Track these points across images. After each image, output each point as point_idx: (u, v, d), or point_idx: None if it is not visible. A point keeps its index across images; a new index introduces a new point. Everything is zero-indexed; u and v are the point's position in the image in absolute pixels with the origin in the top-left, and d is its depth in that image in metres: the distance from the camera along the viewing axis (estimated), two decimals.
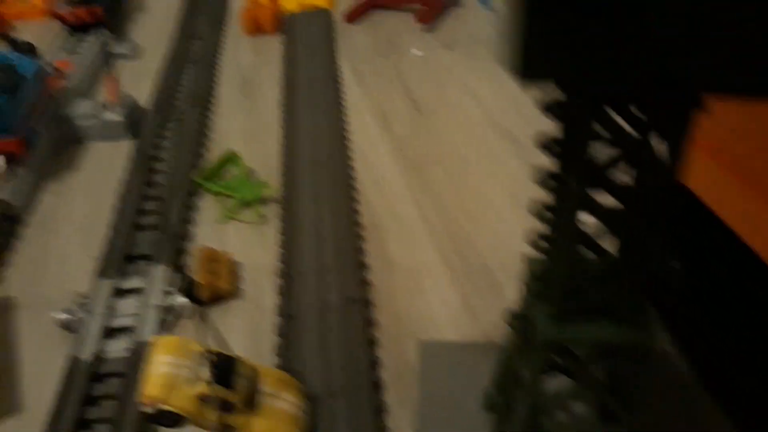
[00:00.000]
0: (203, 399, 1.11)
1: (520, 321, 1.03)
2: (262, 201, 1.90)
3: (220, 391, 1.10)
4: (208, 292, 1.59)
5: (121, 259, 1.71)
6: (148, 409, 1.12)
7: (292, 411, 1.22)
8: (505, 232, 1.74)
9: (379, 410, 1.32)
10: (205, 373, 1.10)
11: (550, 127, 0.71)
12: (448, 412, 1.30)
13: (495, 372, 1.24)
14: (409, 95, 2.35)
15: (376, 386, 1.37)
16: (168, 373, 1.13)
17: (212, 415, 1.11)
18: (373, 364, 1.42)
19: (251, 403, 1.15)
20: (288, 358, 1.43)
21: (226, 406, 1.12)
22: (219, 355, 1.14)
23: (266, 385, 1.21)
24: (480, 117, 2.20)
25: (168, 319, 1.56)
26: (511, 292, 1.57)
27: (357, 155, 2.09)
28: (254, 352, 1.48)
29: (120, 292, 1.64)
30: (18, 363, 1.51)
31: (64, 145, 2.16)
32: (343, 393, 1.34)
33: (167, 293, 1.59)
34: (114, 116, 2.16)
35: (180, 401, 1.10)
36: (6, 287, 1.71)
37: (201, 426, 1.16)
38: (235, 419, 1.13)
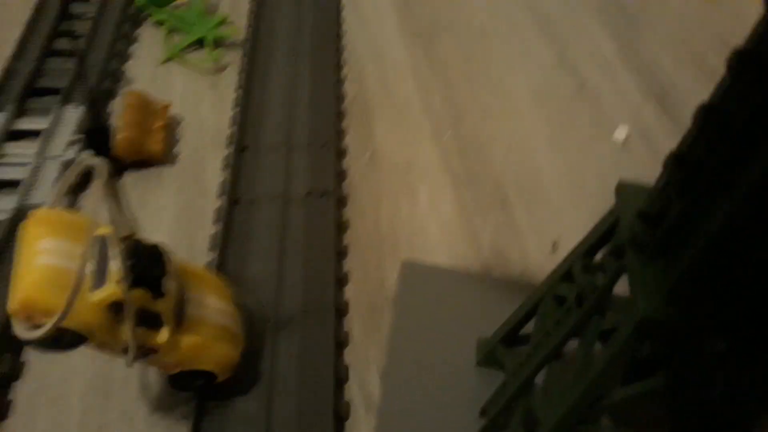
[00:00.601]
0: (112, 308, 0.73)
1: (587, 276, 0.69)
2: (221, 43, 1.47)
3: (140, 297, 0.74)
4: (130, 149, 1.18)
5: (20, 89, 1.27)
6: (22, 325, 0.71)
7: (227, 324, 0.88)
8: (523, 136, 1.37)
9: (339, 339, 0.99)
10: (116, 268, 0.72)
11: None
12: (421, 353, 1.00)
13: (506, 325, 0.91)
14: None
15: (338, 309, 1.03)
16: (54, 266, 0.71)
17: (125, 334, 0.75)
18: (338, 279, 1.07)
19: (179, 314, 0.81)
20: (227, 257, 1.07)
21: (147, 320, 0.77)
22: (137, 242, 0.76)
23: (194, 290, 0.85)
24: None
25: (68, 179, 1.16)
26: (524, 218, 1.22)
27: (350, 8, 1.64)
28: (182, 241, 1.11)
29: (13, 134, 1.22)
30: None
31: None
32: (297, 314, 1.00)
33: (74, 143, 1.18)
34: None
35: (76, 313, 0.69)
36: None
37: (106, 348, 0.77)
38: (158, 338, 0.79)
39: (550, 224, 1.21)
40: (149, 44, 1.48)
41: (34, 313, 0.70)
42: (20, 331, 0.70)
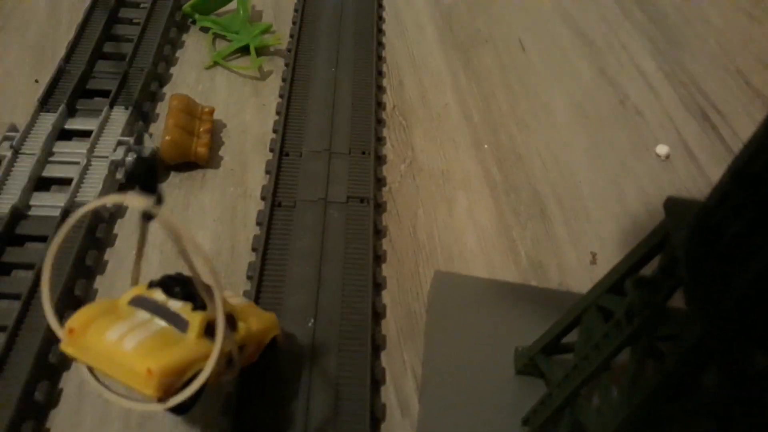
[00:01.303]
0: (207, 332, 0.76)
1: (639, 291, 0.69)
2: (264, 51, 1.50)
3: (210, 314, 0.75)
4: (175, 152, 1.21)
5: (71, 90, 1.31)
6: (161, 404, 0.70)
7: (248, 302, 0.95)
8: (562, 149, 1.37)
9: (376, 343, 1.00)
10: (179, 305, 0.77)
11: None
12: (458, 361, 1.01)
13: (547, 335, 0.91)
14: None
15: (375, 313, 1.04)
16: (141, 339, 0.72)
17: (227, 345, 0.75)
18: (376, 284, 1.08)
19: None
20: (268, 258, 1.09)
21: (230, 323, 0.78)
22: (171, 277, 0.80)
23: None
24: (549, 1, 1.77)
25: (117, 178, 1.19)
26: (562, 229, 1.22)
27: (391, 19, 1.66)
28: (225, 242, 1.13)
29: (63, 133, 1.26)
30: None
31: None
32: (336, 315, 1.02)
33: (122, 144, 1.21)
34: None
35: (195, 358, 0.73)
36: None
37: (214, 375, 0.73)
38: (241, 332, 0.83)
39: (589, 236, 1.21)
40: (194, 50, 1.51)
41: (171, 378, 0.70)
42: (162, 404, 0.70)
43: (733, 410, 0.73)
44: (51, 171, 1.19)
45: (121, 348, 0.69)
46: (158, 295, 0.77)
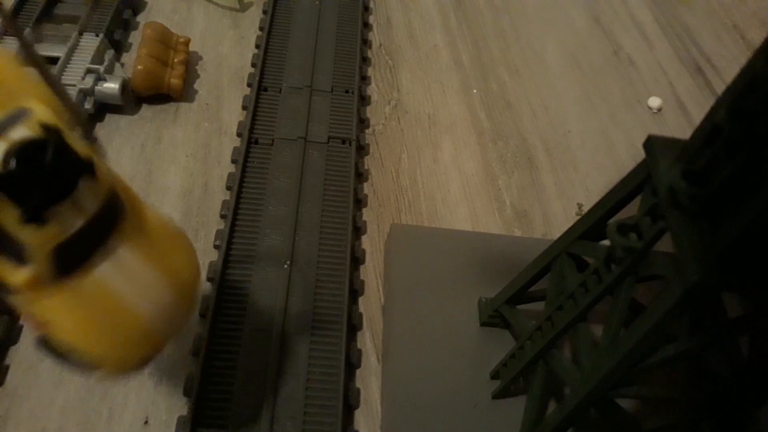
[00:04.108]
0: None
1: (621, 237, 0.64)
2: None
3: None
4: (147, 82, 1.14)
5: (38, 14, 1.23)
6: None
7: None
8: (553, 97, 1.33)
9: (353, 287, 0.97)
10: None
11: None
12: (423, 314, 0.95)
13: (513, 285, 0.88)
14: None
15: (354, 258, 1.00)
16: None
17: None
18: (355, 228, 1.04)
19: (69, 260, 0.56)
20: (243, 196, 1.03)
21: (7, 247, 0.53)
22: (42, 142, 0.52)
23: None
24: None
25: (85, 108, 1.12)
26: (549, 179, 1.18)
27: None
28: (198, 179, 1.08)
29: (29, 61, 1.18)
30: None
31: None
32: (312, 258, 0.97)
33: (91, 72, 1.14)
34: None
35: None
36: None
37: None
38: (15, 277, 0.56)
39: (576, 187, 1.18)
40: None
41: None
42: None
43: (707, 357, 0.71)
44: None
45: None
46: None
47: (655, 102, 1.33)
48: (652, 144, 0.64)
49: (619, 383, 0.67)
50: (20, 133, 0.50)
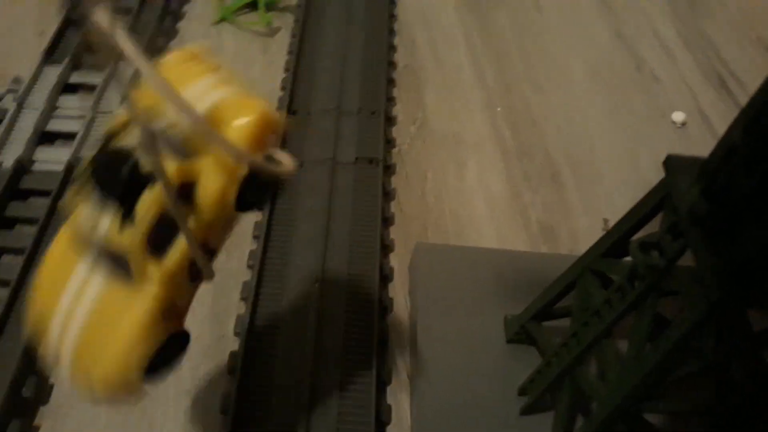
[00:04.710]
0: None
1: (644, 255, 0.66)
2: (274, 6, 1.46)
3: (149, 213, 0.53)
4: None
5: (77, 43, 1.28)
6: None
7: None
8: (577, 113, 1.34)
9: (383, 305, 0.99)
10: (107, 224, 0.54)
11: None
12: (451, 331, 0.96)
13: (539, 302, 0.89)
14: None
15: (383, 275, 1.03)
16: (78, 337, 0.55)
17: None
18: (383, 246, 1.07)
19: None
20: (275, 218, 1.07)
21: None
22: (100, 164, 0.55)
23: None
24: None
25: None
26: (575, 195, 1.20)
27: None
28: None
29: (68, 87, 1.24)
30: None
31: None
32: (342, 276, 1.00)
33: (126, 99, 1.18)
34: None
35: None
36: None
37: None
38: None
39: (602, 202, 1.19)
40: (202, 5, 1.47)
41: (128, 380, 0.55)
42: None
43: (732, 369, 0.72)
44: (55, 125, 1.17)
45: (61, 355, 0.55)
46: (90, 209, 0.54)
47: (679, 116, 1.34)
48: (671, 162, 0.66)
49: (645, 398, 0.68)
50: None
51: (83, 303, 0.55)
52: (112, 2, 0.43)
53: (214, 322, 0.96)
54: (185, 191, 0.55)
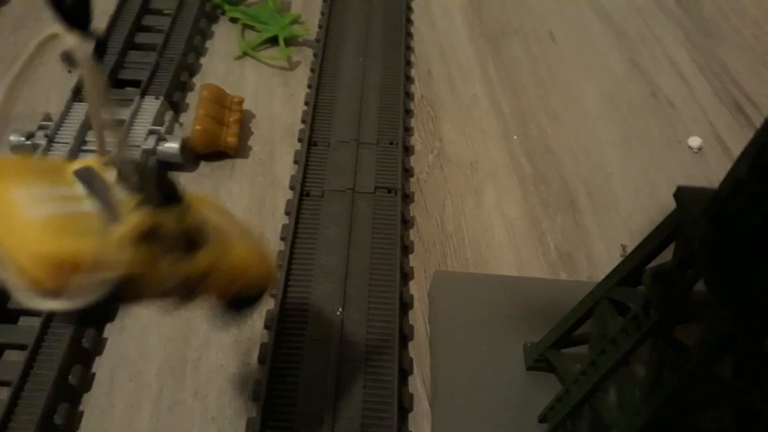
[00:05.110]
0: (143, 240, 0.58)
1: (657, 286, 0.67)
2: (293, 41, 1.50)
3: (167, 217, 0.59)
4: (205, 141, 1.22)
5: (104, 80, 1.32)
6: (41, 295, 0.54)
7: (239, 227, 0.74)
8: (593, 141, 1.36)
9: (403, 333, 1.01)
10: (131, 189, 0.59)
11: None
12: (471, 358, 0.98)
13: (557, 329, 0.90)
14: None
15: (403, 303, 1.05)
16: (49, 215, 0.56)
17: (168, 268, 0.61)
18: (403, 274, 1.08)
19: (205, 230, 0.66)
20: (297, 247, 1.09)
21: (184, 243, 0.62)
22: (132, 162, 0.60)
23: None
24: None
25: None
26: (592, 222, 1.21)
27: (420, 9, 1.66)
28: (254, 230, 1.14)
29: None
30: None
31: None
32: (363, 305, 1.01)
33: (153, 133, 1.22)
34: None
35: (106, 259, 0.55)
36: None
37: (147, 296, 0.61)
38: (203, 258, 0.65)
39: (619, 229, 1.20)
40: (224, 41, 1.52)
41: (61, 271, 0.53)
42: (41, 301, 0.53)
43: (751, 395, 0.72)
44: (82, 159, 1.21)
45: (25, 212, 0.54)
46: (111, 176, 0.60)
47: (695, 142, 1.35)
48: (682, 194, 0.67)
49: (665, 426, 0.69)
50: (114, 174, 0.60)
51: (74, 205, 0.58)
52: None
53: (239, 350, 0.98)
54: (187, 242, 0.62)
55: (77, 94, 1.30)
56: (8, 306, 0.99)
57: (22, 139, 1.21)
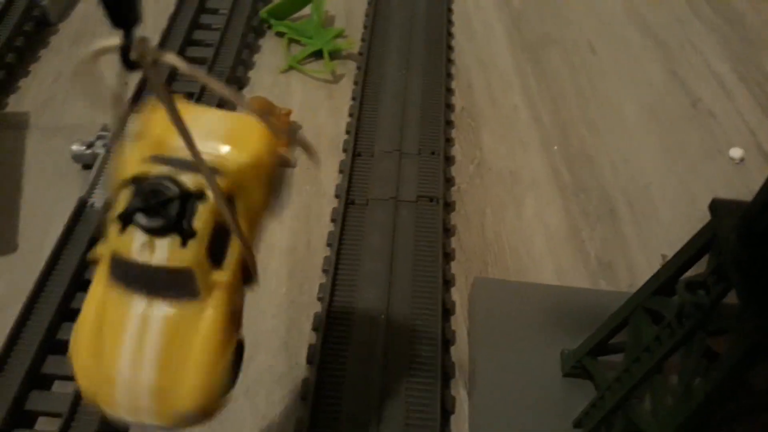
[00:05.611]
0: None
1: (690, 294, 0.69)
2: (337, 55, 1.55)
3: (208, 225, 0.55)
4: None
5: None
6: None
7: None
8: (633, 151, 1.37)
9: (446, 338, 1.04)
10: (165, 247, 0.53)
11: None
12: (507, 364, 1.00)
13: (594, 337, 0.92)
14: None
15: (445, 309, 1.08)
16: (156, 361, 0.55)
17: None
18: (445, 281, 1.11)
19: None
20: (342, 254, 1.13)
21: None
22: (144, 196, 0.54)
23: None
24: (620, 3, 1.76)
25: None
26: (632, 231, 1.22)
27: (460, 23, 1.69)
28: (301, 238, 1.18)
29: None
30: (20, 194, 1.24)
31: None
32: (407, 310, 1.05)
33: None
34: None
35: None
36: (20, 101, 1.42)
37: None
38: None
39: (659, 239, 1.21)
40: (271, 54, 1.57)
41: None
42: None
43: None
44: None
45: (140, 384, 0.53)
46: (138, 240, 0.52)
47: (736, 152, 1.36)
48: (717, 206, 0.69)
49: None
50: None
51: (150, 339, 0.54)
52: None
53: (288, 351, 1.03)
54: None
55: (133, 106, 1.36)
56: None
57: (83, 148, 1.28)
